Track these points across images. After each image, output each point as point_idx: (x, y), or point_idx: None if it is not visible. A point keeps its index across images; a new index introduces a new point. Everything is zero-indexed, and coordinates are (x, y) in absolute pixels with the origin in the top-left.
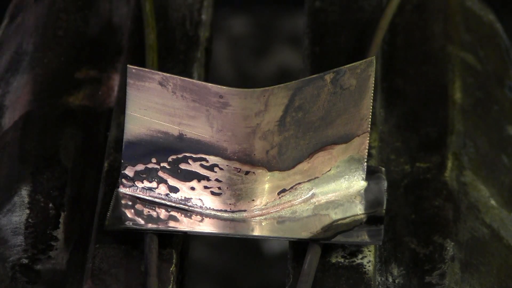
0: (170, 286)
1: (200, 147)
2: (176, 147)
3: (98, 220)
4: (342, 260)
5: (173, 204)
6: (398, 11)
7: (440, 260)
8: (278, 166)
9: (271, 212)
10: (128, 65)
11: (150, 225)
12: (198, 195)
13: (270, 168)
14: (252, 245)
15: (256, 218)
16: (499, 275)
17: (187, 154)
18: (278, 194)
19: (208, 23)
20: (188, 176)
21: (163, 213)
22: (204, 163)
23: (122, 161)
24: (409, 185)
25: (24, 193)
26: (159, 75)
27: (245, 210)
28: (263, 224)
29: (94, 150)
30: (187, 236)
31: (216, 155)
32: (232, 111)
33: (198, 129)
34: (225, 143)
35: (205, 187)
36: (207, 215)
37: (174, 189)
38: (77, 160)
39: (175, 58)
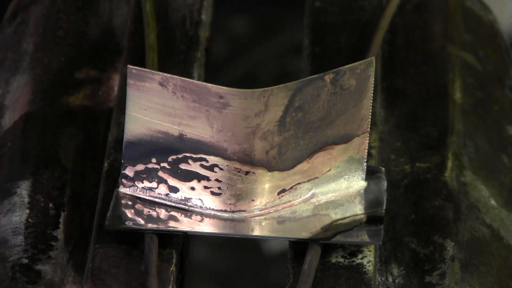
0: (170, 286)
1: (200, 147)
2: (176, 147)
3: (98, 220)
4: (342, 260)
5: (173, 204)
6: (398, 11)
7: (440, 260)
8: (278, 166)
9: (271, 212)
10: (128, 66)
11: (150, 225)
12: (198, 195)
13: (270, 168)
14: (252, 245)
15: (256, 218)
16: (499, 275)
17: (187, 154)
18: (278, 194)
19: (208, 23)
20: (188, 176)
21: (163, 213)
22: (204, 163)
23: (122, 161)
24: (409, 185)
25: (24, 193)
26: (159, 75)
27: (245, 210)
28: (263, 224)
29: (94, 150)
30: (187, 236)
31: (216, 155)
32: (232, 111)
33: (198, 129)
34: (225, 143)
35: (205, 187)
36: (207, 215)
37: (174, 189)
38: (77, 160)
39: (175, 58)
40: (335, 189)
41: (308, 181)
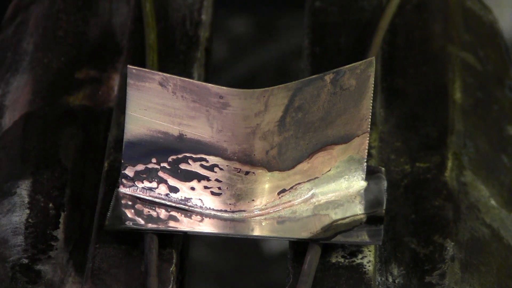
0: (170, 286)
1: (200, 147)
2: (176, 147)
3: (98, 220)
4: (342, 260)
5: (173, 204)
6: (398, 11)
7: (440, 260)
8: (278, 166)
9: (271, 212)
10: (128, 66)
11: (150, 225)
12: (198, 195)
13: (270, 168)
14: (252, 245)
15: (256, 218)
16: (499, 275)
17: (187, 154)
18: (278, 194)
19: (208, 23)
20: (188, 176)
21: (163, 213)
22: (204, 163)
23: (122, 161)
24: (409, 185)
25: (24, 193)
26: (159, 75)
27: (245, 210)
28: (263, 224)
29: (94, 150)
30: (187, 236)
31: (216, 155)
32: (232, 111)
33: (198, 129)
34: (225, 144)
35: (205, 187)
36: (207, 215)
37: (174, 189)
38: (77, 160)
39: (175, 58)
40: (335, 189)
41: (308, 181)
